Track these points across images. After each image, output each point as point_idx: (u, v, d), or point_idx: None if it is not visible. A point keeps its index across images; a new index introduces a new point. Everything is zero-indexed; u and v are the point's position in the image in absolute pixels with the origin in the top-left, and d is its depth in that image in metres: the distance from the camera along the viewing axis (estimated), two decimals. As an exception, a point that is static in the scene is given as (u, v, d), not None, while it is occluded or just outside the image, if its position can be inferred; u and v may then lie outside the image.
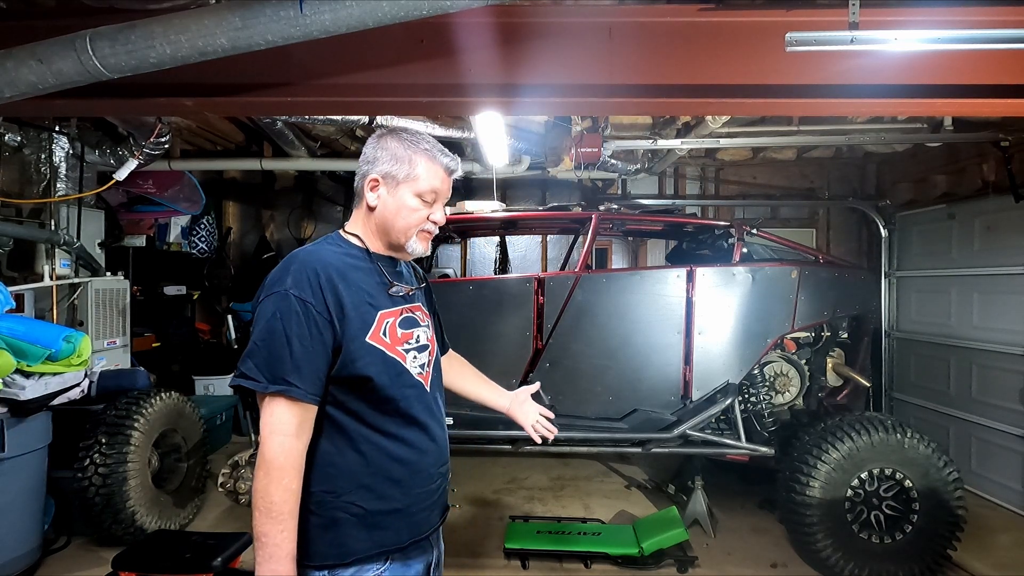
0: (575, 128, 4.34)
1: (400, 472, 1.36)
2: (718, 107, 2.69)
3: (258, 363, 1.24)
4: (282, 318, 1.24)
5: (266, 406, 1.24)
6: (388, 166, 1.40)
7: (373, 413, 1.34)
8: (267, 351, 1.24)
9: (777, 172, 6.29)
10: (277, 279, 1.30)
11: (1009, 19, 2.16)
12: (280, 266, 1.34)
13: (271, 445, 1.22)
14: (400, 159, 1.40)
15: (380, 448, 1.33)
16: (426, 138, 1.45)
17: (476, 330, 3.59)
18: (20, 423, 3.04)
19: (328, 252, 1.37)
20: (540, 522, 3.82)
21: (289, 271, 1.29)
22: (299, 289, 1.27)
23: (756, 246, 3.97)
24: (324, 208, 6.75)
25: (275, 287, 1.28)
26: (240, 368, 1.25)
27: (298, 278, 1.28)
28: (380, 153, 1.41)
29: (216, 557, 2.64)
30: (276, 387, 1.22)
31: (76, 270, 4.25)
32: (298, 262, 1.31)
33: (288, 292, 1.26)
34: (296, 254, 1.36)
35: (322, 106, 2.93)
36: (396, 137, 1.43)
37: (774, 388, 3.78)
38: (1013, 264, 4.21)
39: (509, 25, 2.30)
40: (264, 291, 1.31)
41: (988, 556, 3.52)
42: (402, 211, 1.41)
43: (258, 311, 1.29)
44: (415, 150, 1.41)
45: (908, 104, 2.46)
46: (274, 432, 1.22)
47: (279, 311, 1.25)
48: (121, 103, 2.53)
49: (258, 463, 1.22)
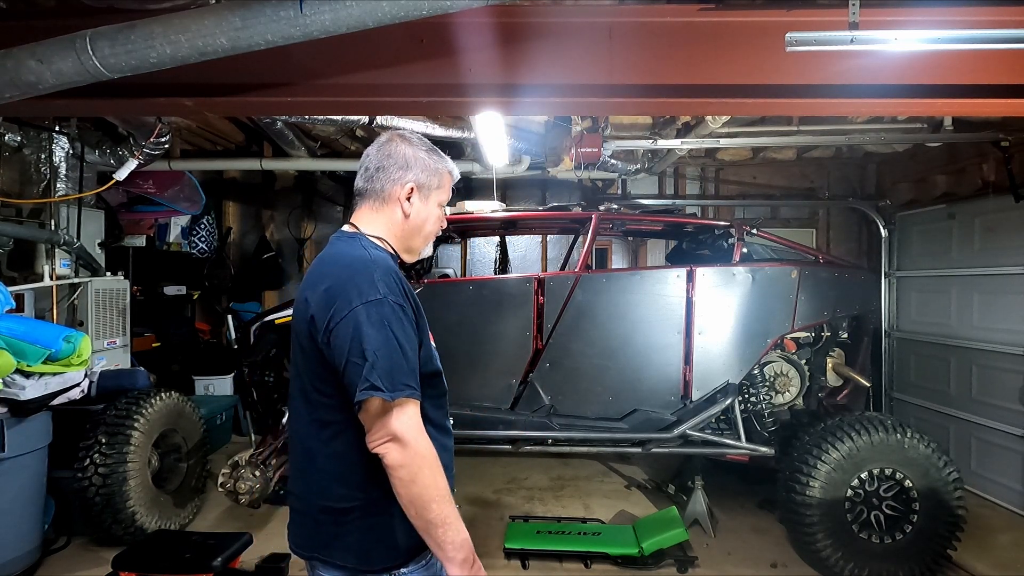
0: (575, 128, 4.34)
1: (447, 460, 1.39)
2: (718, 107, 2.69)
3: (381, 373, 1.23)
4: (390, 325, 1.27)
5: (393, 414, 1.24)
6: (424, 176, 1.46)
7: (432, 408, 1.40)
8: (387, 359, 1.24)
9: (777, 172, 6.29)
10: (366, 286, 1.29)
11: (1009, 19, 2.16)
12: (356, 272, 1.32)
13: (423, 442, 1.26)
14: (432, 171, 1.47)
15: (438, 441, 1.36)
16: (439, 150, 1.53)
17: (476, 330, 3.59)
18: (20, 423, 3.04)
19: (389, 258, 1.42)
20: (540, 522, 3.82)
21: (376, 278, 1.30)
22: (395, 295, 1.30)
23: (756, 246, 3.97)
24: (324, 208, 6.74)
25: (371, 294, 1.28)
26: (368, 379, 1.23)
27: (390, 285, 1.31)
28: (413, 162, 1.45)
29: (216, 557, 2.64)
30: (400, 394, 1.24)
31: (76, 270, 4.25)
32: (381, 269, 1.33)
33: (387, 299, 1.28)
34: (372, 260, 1.35)
35: (322, 106, 2.93)
36: (423, 147, 1.48)
37: (774, 388, 3.78)
38: (1013, 264, 4.21)
39: (509, 25, 2.30)
40: (353, 299, 1.28)
41: (988, 556, 3.52)
42: (430, 220, 1.50)
43: (358, 319, 1.26)
44: (442, 164, 1.50)
45: (908, 104, 2.46)
46: (419, 431, 1.26)
47: (386, 318, 1.27)
48: (121, 103, 2.53)
49: (414, 464, 1.23)
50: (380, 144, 1.48)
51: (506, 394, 3.63)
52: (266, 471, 3.31)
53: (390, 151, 1.45)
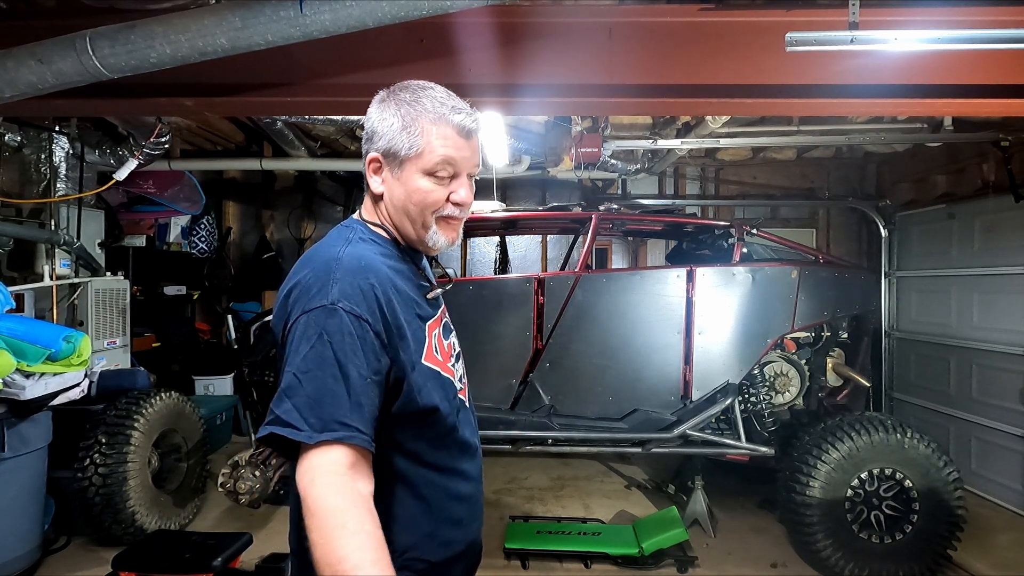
0: (575, 128, 4.34)
1: (461, 511, 1.15)
2: (718, 107, 2.70)
3: (299, 404, 0.94)
4: (332, 340, 0.95)
5: (308, 454, 0.93)
6: (387, 140, 1.09)
7: (431, 450, 1.11)
8: (315, 386, 0.94)
9: (777, 172, 6.29)
10: (316, 289, 0.99)
11: (1009, 19, 2.16)
12: (314, 268, 1.03)
13: (317, 493, 0.91)
14: (400, 128, 1.08)
15: (441, 488, 1.12)
16: (432, 92, 1.12)
17: (476, 330, 3.59)
18: (20, 423, 3.04)
19: (372, 253, 1.08)
20: (540, 522, 3.81)
21: (333, 278, 1.00)
22: (351, 302, 0.98)
23: (756, 246, 3.97)
24: (324, 208, 6.75)
25: (317, 299, 0.98)
26: (274, 411, 0.95)
27: (348, 288, 0.99)
28: (378, 125, 1.11)
29: (216, 557, 2.64)
30: (328, 435, 0.92)
31: (76, 270, 4.25)
32: (343, 268, 1.01)
33: (336, 306, 0.97)
34: (338, 256, 1.04)
35: (322, 106, 2.93)
36: (394, 99, 1.11)
37: (774, 388, 3.78)
38: (1013, 264, 4.21)
39: (509, 25, 2.30)
40: (299, 304, 1.00)
41: (988, 556, 3.52)
42: (412, 196, 1.10)
43: (293, 332, 0.99)
44: (416, 112, 1.08)
45: (908, 104, 2.47)
46: (321, 474, 0.92)
47: (327, 331, 0.96)
48: (121, 103, 2.54)
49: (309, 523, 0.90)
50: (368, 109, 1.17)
51: (506, 394, 3.63)
52: (266, 471, 3.31)
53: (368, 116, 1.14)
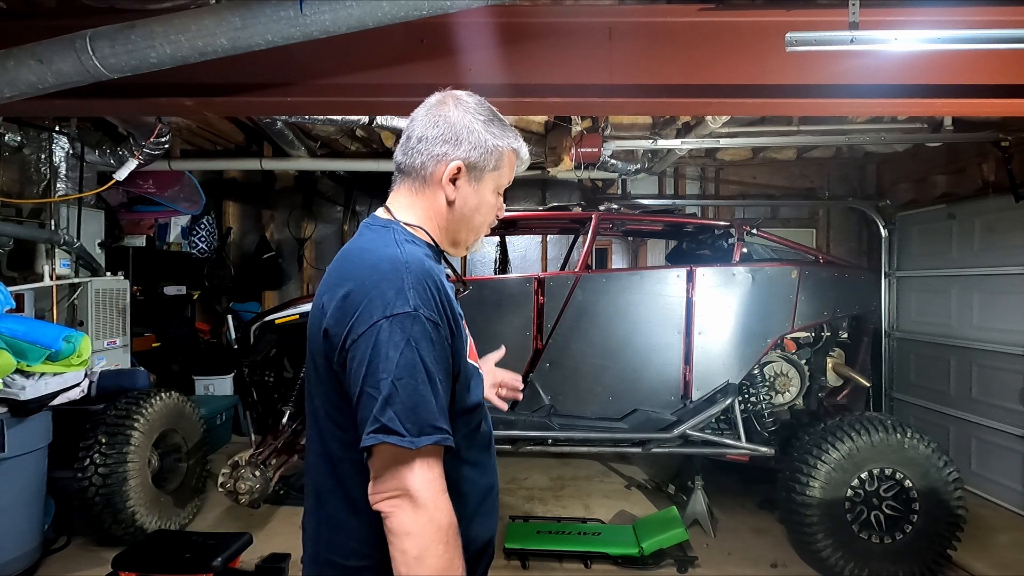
0: (575, 128, 4.34)
1: (489, 505, 1.19)
2: (718, 107, 2.70)
3: (399, 411, 0.95)
4: (418, 347, 0.98)
5: (413, 463, 0.96)
6: (477, 154, 1.15)
7: (468, 446, 1.13)
8: (410, 394, 0.96)
9: (777, 172, 6.29)
10: (392, 296, 1.00)
11: (1009, 19, 2.16)
12: (382, 275, 1.03)
13: (443, 506, 0.97)
14: (488, 149, 1.15)
15: (473, 483, 1.14)
16: (504, 121, 1.20)
17: (476, 330, 3.56)
18: (20, 423, 3.04)
19: (421, 255, 1.10)
20: (540, 522, 3.81)
21: (407, 285, 1.01)
22: (428, 309, 1.01)
23: (756, 246, 3.97)
24: (324, 208, 6.74)
25: (398, 306, 0.99)
26: (379, 419, 0.95)
27: (422, 295, 1.01)
28: (465, 134, 1.13)
29: (216, 557, 2.64)
30: (426, 440, 0.96)
31: (76, 270, 4.25)
32: (413, 274, 1.03)
33: (418, 313, 0.99)
34: (403, 260, 1.05)
35: (322, 106, 2.93)
36: (479, 118, 1.16)
37: (774, 388, 3.78)
38: (1013, 264, 4.21)
39: (509, 25, 2.30)
40: (375, 312, 0.99)
41: (988, 556, 3.52)
42: (482, 208, 1.20)
43: (378, 338, 0.98)
44: (503, 139, 1.17)
45: (908, 104, 2.47)
46: (442, 492, 0.98)
47: (412, 338, 0.98)
48: (121, 103, 2.54)
49: (428, 535, 0.95)
50: (428, 107, 1.17)
51: (506, 394, 3.62)
52: (266, 471, 3.31)
53: (438, 117, 1.14)
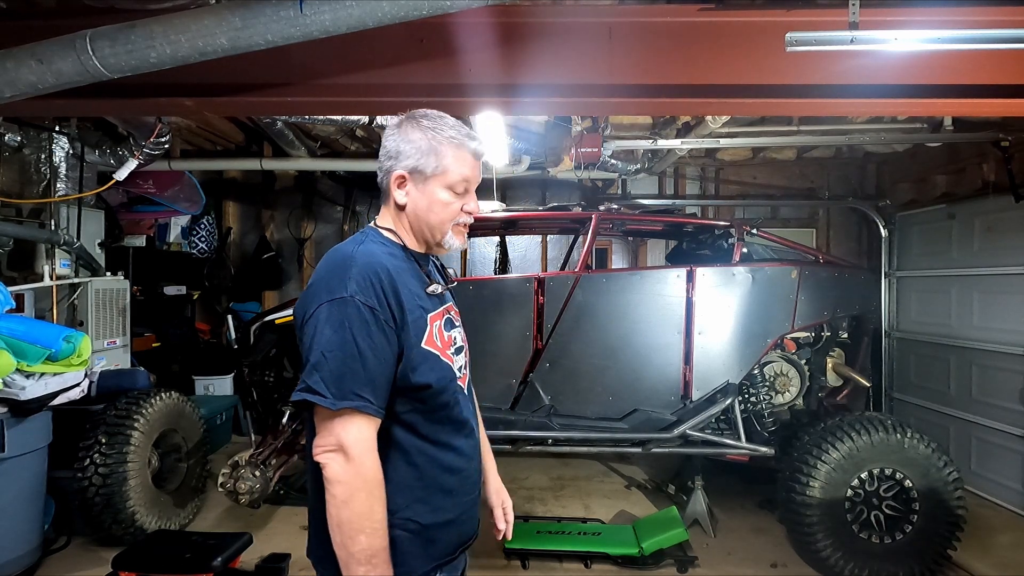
0: (575, 128, 4.34)
1: (452, 482, 1.32)
2: (718, 107, 2.69)
3: (325, 376, 1.14)
4: (351, 327, 1.16)
5: (337, 423, 1.15)
6: (414, 160, 1.30)
7: (426, 423, 1.29)
8: (338, 363, 1.15)
9: (777, 172, 6.29)
10: (335, 283, 1.19)
11: (1009, 19, 2.16)
12: (332, 267, 1.23)
13: (369, 463, 1.16)
14: (426, 151, 1.30)
15: (433, 459, 1.29)
16: (449, 122, 1.34)
17: (476, 330, 3.58)
18: (20, 423, 3.04)
19: (380, 251, 1.28)
20: (540, 522, 3.81)
21: (349, 275, 1.19)
22: (364, 295, 1.18)
23: (756, 246, 3.97)
24: (324, 208, 6.74)
25: (336, 292, 1.18)
26: (305, 381, 1.15)
27: (361, 283, 1.19)
28: (404, 146, 1.31)
29: (216, 557, 2.64)
30: (347, 403, 1.14)
31: (76, 270, 4.25)
32: (358, 265, 1.21)
33: (353, 298, 1.17)
34: (352, 254, 1.24)
35: (322, 106, 2.93)
36: (417, 126, 1.32)
37: (774, 388, 3.78)
38: (1013, 264, 4.21)
39: (509, 25, 2.30)
40: (319, 296, 1.19)
41: (988, 556, 3.52)
42: (434, 207, 1.33)
43: (316, 318, 1.18)
44: (440, 139, 1.31)
45: (908, 104, 2.46)
46: (367, 449, 1.16)
47: (347, 319, 1.16)
48: (121, 103, 2.53)
49: (354, 484, 1.14)
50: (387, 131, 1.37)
51: (506, 394, 3.63)
52: (266, 471, 3.31)
53: (390, 138, 1.34)
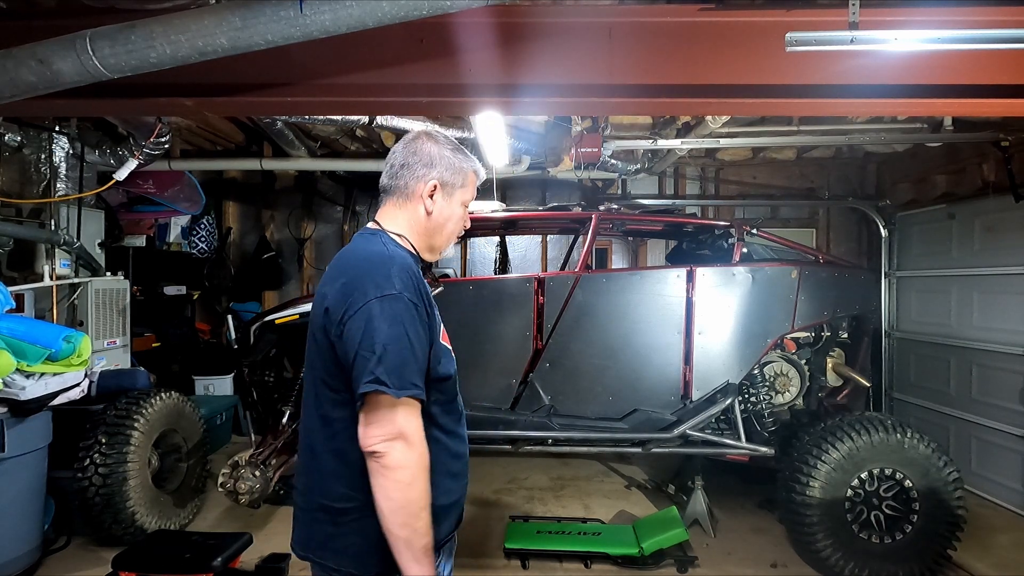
0: (575, 128, 4.34)
1: (458, 467, 1.43)
2: (718, 107, 2.69)
3: (388, 368, 1.22)
4: (403, 321, 1.25)
5: (399, 412, 1.23)
6: (448, 174, 1.45)
7: (443, 413, 1.40)
8: (396, 356, 1.23)
9: (777, 172, 6.29)
10: (382, 280, 1.28)
11: (1009, 19, 2.16)
12: (373, 265, 1.32)
13: (420, 449, 1.24)
14: (457, 169, 1.46)
15: (445, 446, 1.39)
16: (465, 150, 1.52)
17: (476, 330, 3.59)
18: (20, 423, 3.04)
19: (407, 255, 1.40)
20: (540, 522, 3.81)
21: (393, 272, 1.29)
22: (410, 293, 1.29)
23: (756, 246, 3.97)
24: (324, 208, 6.74)
25: (386, 288, 1.27)
26: (374, 372, 1.22)
27: (405, 281, 1.29)
28: (438, 160, 1.44)
29: (216, 557, 2.64)
30: (407, 392, 1.22)
31: (76, 270, 4.25)
32: (398, 265, 1.32)
33: (403, 295, 1.27)
34: (390, 256, 1.35)
35: (322, 106, 2.93)
36: (448, 147, 1.47)
37: (774, 388, 3.78)
38: (1013, 264, 4.21)
39: (509, 25, 2.30)
40: (367, 292, 1.27)
41: (988, 556, 3.52)
42: (453, 219, 1.49)
43: (368, 312, 1.25)
44: (467, 163, 1.49)
45: (908, 104, 2.46)
46: (416, 437, 1.24)
47: (399, 314, 1.25)
48: (121, 103, 2.53)
49: (415, 468, 1.22)
50: (406, 141, 1.48)
51: (506, 394, 3.63)
52: (266, 471, 3.31)
53: (416, 148, 1.45)
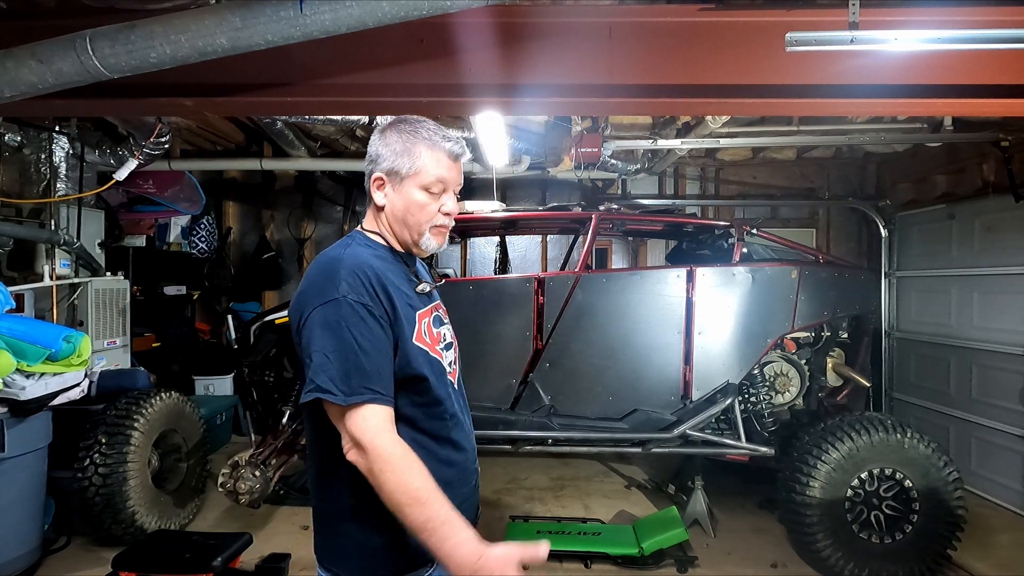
0: (575, 128, 4.34)
1: (450, 474, 1.34)
2: (718, 107, 2.69)
3: (332, 375, 1.18)
4: (348, 325, 1.20)
5: (351, 417, 1.19)
6: (390, 162, 1.35)
7: (424, 417, 1.33)
8: (341, 361, 1.19)
9: (777, 172, 6.29)
10: (326, 286, 1.24)
11: (1009, 19, 2.16)
12: (321, 272, 1.28)
13: (382, 442, 1.18)
14: (401, 152, 1.34)
15: (432, 453, 1.31)
16: (426, 124, 1.38)
17: (476, 330, 3.59)
18: (20, 423, 3.04)
19: (367, 253, 1.33)
20: (540, 522, 3.81)
21: (339, 276, 1.24)
22: (356, 294, 1.23)
23: (756, 246, 3.97)
24: (324, 208, 6.74)
25: (328, 294, 1.22)
26: (314, 381, 1.19)
27: (351, 282, 1.24)
28: (382, 149, 1.36)
29: (216, 557, 2.64)
30: (356, 398, 1.18)
31: (76, 270, 4.25)
32: (345, 267, 1.26)
33: (345, 298, 1.21)
34: (339, 258, 1.29)
35: (322, 106, 2.93)
36: (395, 129, 1.37)
37: (774, 388, 3.78)
38: (1013, 264, 4.21)
39: (509, 25, 2.30)
40: (311, 301, 1.24)
41: (988, 556, 3.52)
42: (411, 208, 1.36)
43: (313, 321, 1.22)
44: (415, 140, 1.35)
45: (908, 104, 2.46)
46: (378, 431, 1.19)
47: (343, 319, 1.20)
48: (121, 103, 2.53)
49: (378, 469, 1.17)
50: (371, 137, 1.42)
51: (506, 394, 3.63)
52: (266, 471, 3.31)
53: (371, 144, 1.39)
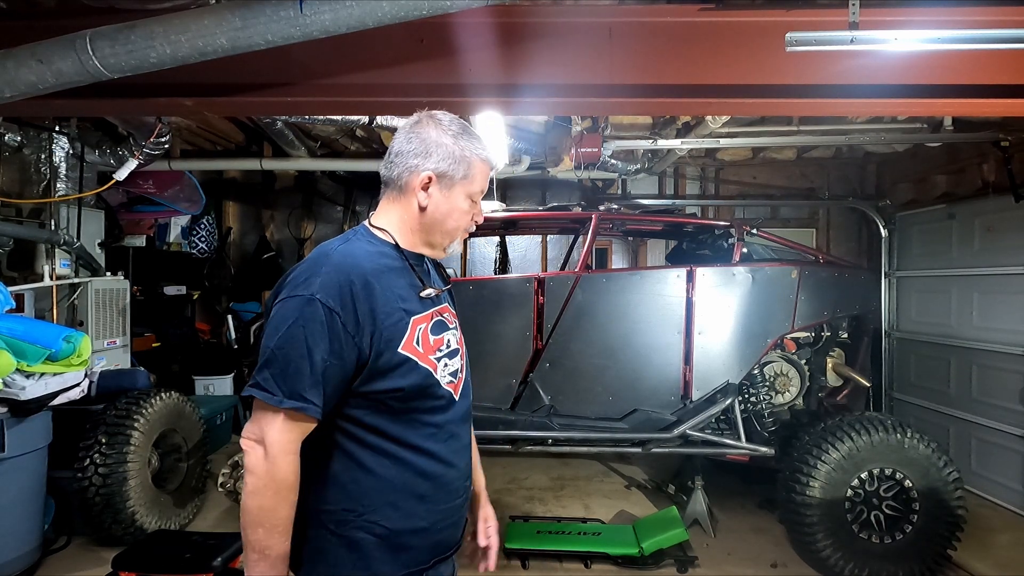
0: (575, 128, 4.34)
1: (426, 487, 1.27)
2: (718, 107, 2.70)
3: (275, 373, 1.13)
4: (304, 326, 1.13)
5: (274, 419, 1.14)
6: (445, 165, 1.28)
7: (397, 426, 1.25)
8: (285, 362, 1.13)
9: (777, 172, 6.29)
10: (304, 279, 1.17)
11: (1009, 19, 2.16)
12: (309, 262, 1.21)
13: (283, 465, 1.14)
14: (458, 159, 1.29)
15: (406, 462, 1.25)
16: (475, 134, 1.33)
17: (476, 330, 3.59)
18: (20, 423, 3.04)
19: (363, 252, 1.26)
20: (540, 522, 3.81)
21: (319, 272, 1.17)
22: (326, 295, 1.15)
23: (756, 246, 3.97)
24: (324, 208, 6.74)
25: (300, 288, 1.16)
26: (256, 377, 1.15)
27: (327, 282, 1.16)
28: (433, 148, 1.28)
29: (216, 557, 2.64)
30: (292, 403, 1.12)
31: (76, 270, 4.25)
32: (331, 265, 1.19)
33: (314, 297, 1.14)
34: (330, 253, 1.23)
35: (322, 106, 2.93)
36: (445, 131, 1.30)
37: (774, 388, 3.78)
38: (1013, 264, 4.21)
39: (509, 25, 2.30)
40: (286, 289, 1.18)
41: (988, 556, 3.52)
42: (454, 213, 1.32)
43: (276, 311, 1.17)
44: (471, 149, 1.30)
45: (908, 104, 2.47)
46: (285, 451, 1.14)
47: (302, 318, 1.13)
48: (121, 103, 2.53)
49: (263, 480, 1.13)
50: (406, 126, 1.33)
51: (506, 394, 3.63)
52: (266, 471, 3.31)
53: (412, 135, 1.30)
